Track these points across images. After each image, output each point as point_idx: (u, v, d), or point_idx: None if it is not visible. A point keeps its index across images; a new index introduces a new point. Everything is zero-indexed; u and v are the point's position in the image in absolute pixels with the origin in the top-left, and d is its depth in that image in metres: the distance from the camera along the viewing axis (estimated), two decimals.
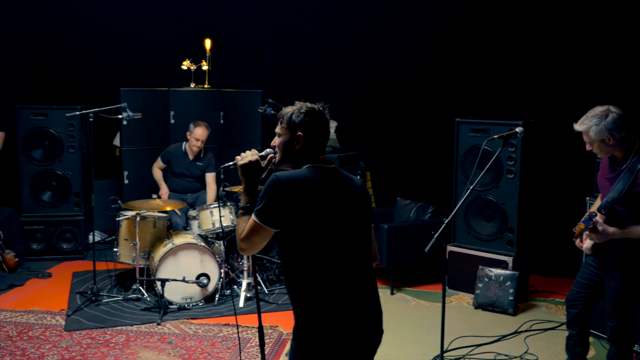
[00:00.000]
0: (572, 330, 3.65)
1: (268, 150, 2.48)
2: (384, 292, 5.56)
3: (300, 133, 2.35)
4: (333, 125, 6.89)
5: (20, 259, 6.11)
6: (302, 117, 2.35)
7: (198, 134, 5.95)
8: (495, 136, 3.53)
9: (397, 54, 7.01)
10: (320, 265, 2.26)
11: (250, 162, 2.40)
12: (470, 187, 3.42)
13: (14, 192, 6.76)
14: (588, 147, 3.36)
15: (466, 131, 5.50)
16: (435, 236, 3.17)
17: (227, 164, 2.56)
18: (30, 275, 5.95)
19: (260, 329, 2.66)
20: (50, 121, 6.35)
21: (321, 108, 2.41)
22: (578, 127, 3.31)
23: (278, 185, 2.22)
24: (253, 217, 2.27)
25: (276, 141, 2.44)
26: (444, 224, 3.21)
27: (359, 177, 6.69)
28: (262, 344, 2.67)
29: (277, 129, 2.42)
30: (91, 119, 5.13)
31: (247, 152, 2.44)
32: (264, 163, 2.44)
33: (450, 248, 5.59)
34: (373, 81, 7.21)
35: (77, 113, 5.51)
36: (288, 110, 2.40)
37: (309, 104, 2.41)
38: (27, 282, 5.79)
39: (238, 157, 2.44)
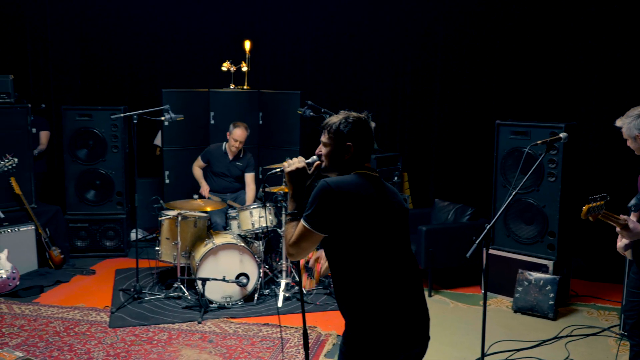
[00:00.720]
0: (632, 340, 3.60)
1: (314, 157, 2.50)
2: None
3: (349, 143, 2.38)
4: (371, 125, 6.89)
5: (65, 256, 6.29)
6: (350, 127, 2.38)
7: (237, 134, 6.03)
8: (539, 142, 3.50)
9: (436, 54, 6.98)
10: (369, 271, 2.29)
11: (297, 169, 2.43)
12: (513, 193, 3.40)
13: (59, 190, 6.96)
14: (628, 144, 3.37)
15: (506, 133, 5.45)
16: (476, 242, 3.17)
17: (274, 170, 2.60)
18: (75, 271, 6.12)
19: (305, 331, 2.71)
20: (95, 121, 6.51)
21: (366, 117, 2.43)
22: (617, 122, 3.35)
23: (328, 190, 2.25)
24: (302, 222, 2.30)
25: (322, 150, 2.46)
26: (486, 230, 3.20)
27: (396, 177, 6.70)
28: (306, 347, 2.71)
29: (323, 138, 2.44)
30: (135, 121, 5.25)
31: (294, 158, 2.46)
32: (310, 170, 2.47)
33: (489, 251, 5.55)
34: (411, 81, 7.19)
35: (122, 115, 5.64)
36: (334, 120, 2.41)
37: (354, 113, 2.42)
38: (72, 278, 5.95)
39: (285, 164, 2.46)
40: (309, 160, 2.49)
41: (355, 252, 2.29)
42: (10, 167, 4.21)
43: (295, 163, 2.44)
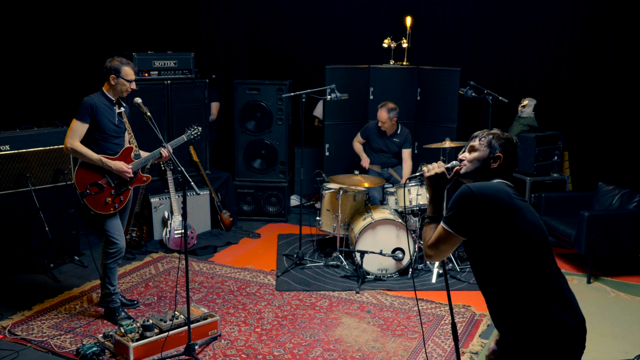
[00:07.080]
0: None
1: (454, 162, 2.56)
2: (580, 281, 5.44)
3: (500, 154, 2.46)
4: (532, 103, 6.72)
5: (233, 219, 6.88)
6: (503, 142, 2.48)
7: (379, 116, 6.25)
8: None
9: (605, 26, 6.59)
10: (518, 276, 2.30)
11: (437, 174, 2.50)
12: None
13: (228, 158, 7.56)
14: None
15: None
16: None
17: (414, 175, 2.71)
18: (242, 234, 6.68)
19: (454, 326, 2.81)
20: (262, 95, 6.94)
21: (516, 142, 2.55)
22: None
23: (470, 195, 2.31)
24: (442, 224, 2.38)
25: (467, 155, 2.53)
26: None
27: (555, 157, 6.53)
28: (456, 339, 2.80)
29: (473, 143, 2.53)
30: (303, 100, 5.56)
31: (434, 163, 2.54)
32: (450, 175, 2.54)
33: None
34: (577, 55, 6.87)
35: (292, 94, 5.97)
36: (486, 132, 2.54)
37: (506, 134, 2.54)
38: (241, 240, 6.51)
39: (424, 169, 2.54)
40: (449, 165, 2.55)
41: (499, 256, 2.32)
42: (195, 135, 4.69)
43: (434, 168, 2.51)
